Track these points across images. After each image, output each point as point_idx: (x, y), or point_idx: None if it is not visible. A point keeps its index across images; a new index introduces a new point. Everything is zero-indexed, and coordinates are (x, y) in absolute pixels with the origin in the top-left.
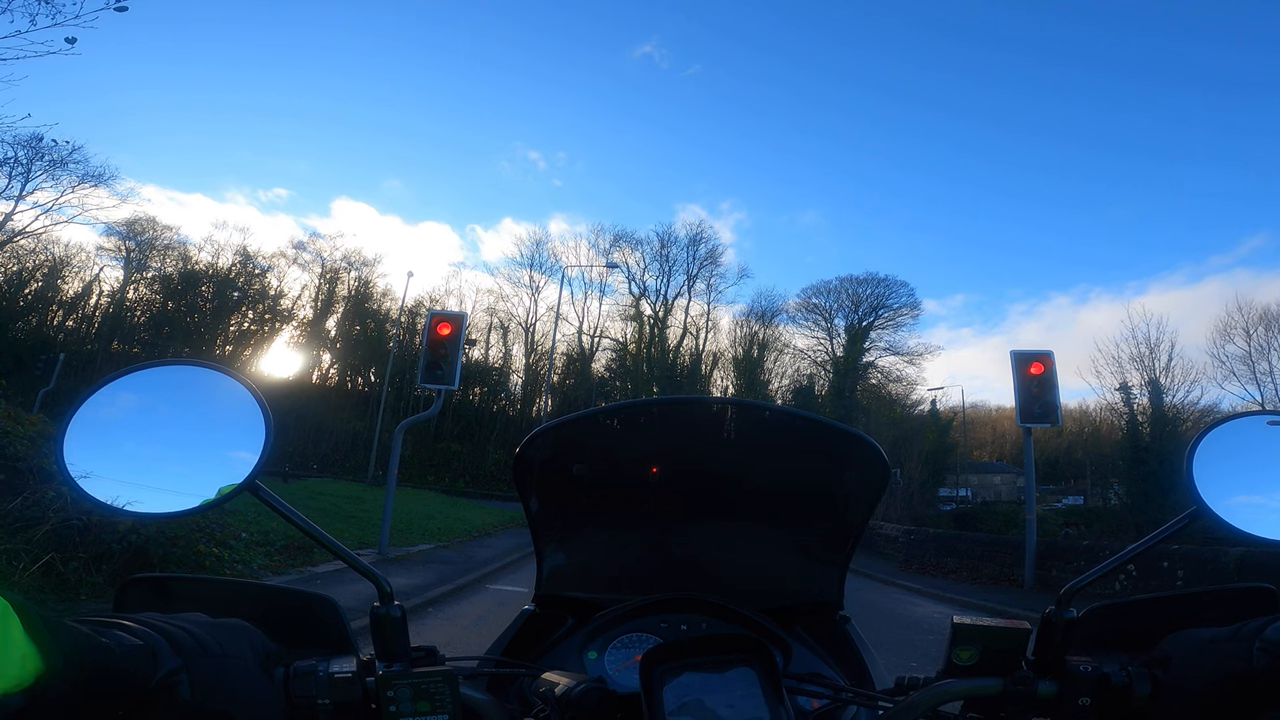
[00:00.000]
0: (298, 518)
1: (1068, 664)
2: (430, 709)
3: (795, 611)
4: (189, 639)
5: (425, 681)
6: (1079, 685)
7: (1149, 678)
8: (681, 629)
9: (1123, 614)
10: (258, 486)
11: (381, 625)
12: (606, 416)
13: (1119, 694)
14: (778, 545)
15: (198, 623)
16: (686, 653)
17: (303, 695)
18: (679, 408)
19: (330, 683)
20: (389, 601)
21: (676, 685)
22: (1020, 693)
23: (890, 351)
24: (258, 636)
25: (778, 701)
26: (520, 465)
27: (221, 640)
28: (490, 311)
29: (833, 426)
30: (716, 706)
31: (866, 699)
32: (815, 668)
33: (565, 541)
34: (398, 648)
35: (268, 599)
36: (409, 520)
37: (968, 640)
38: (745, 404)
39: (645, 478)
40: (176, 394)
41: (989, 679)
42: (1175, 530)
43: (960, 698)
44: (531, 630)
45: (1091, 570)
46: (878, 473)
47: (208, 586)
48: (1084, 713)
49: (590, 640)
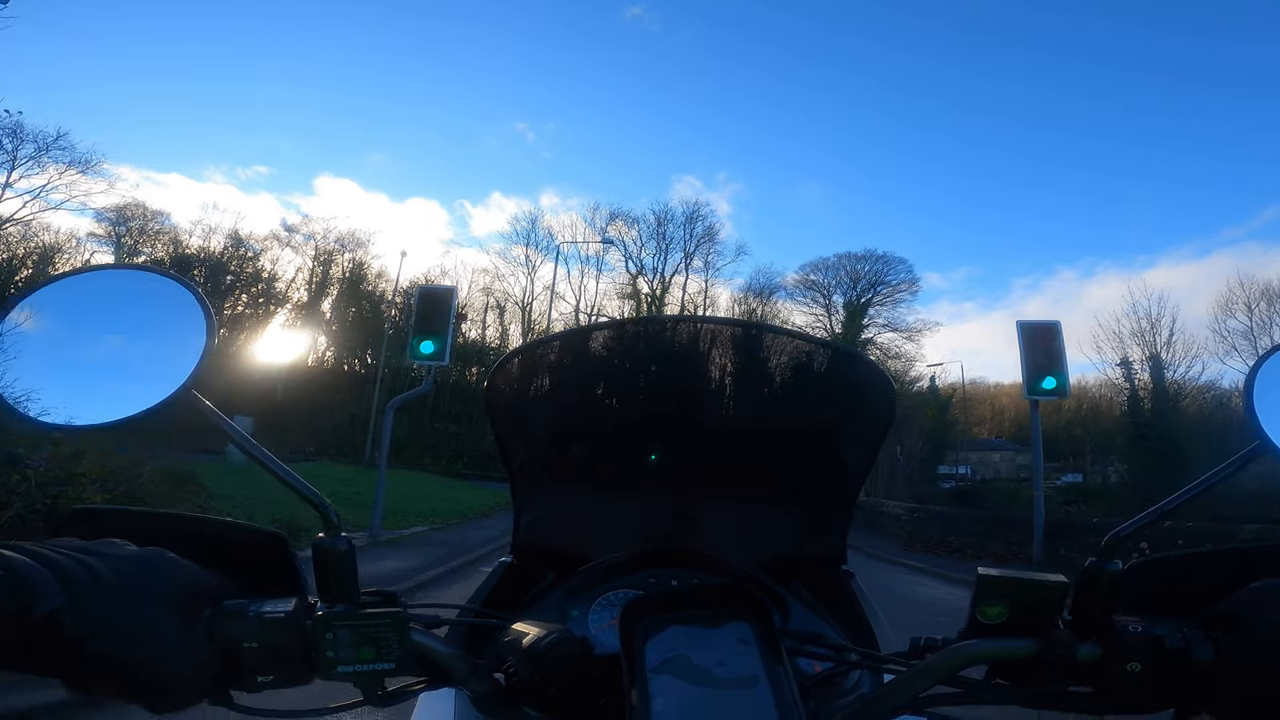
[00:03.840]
0: (235, 432)
1: (1113, 624)
2: (375, 655)
3: (794, 566)
4: (81, 571)
5: (370, 624)
6: (1127, 648)
7: (1209, 640)
8: (672, 584)
9: (1177, 569)
10: (196, 397)
11: (325, 560)
12: (588, 335)
13: (1175, 659)
14: (775, 491)
15: (108, 554)
16: (672, 605)
17: (227, 638)
18: (667, 326)
19: (261, 623)
20: (335, 534)
21: (661, 640)
22: (1057, 655)
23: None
24: (183, 569)
25: (775, 659)
26: (492, 394)
27: (130, 572)
28: (486, 291)
29: (836, 348)
30: (705, 663)
31: (875, 662)
32: (815, 627)
33: (544, 487)
34: (343, 587)
35: (216, 533)
36: (402, 502)
37: (995, 595)
38: (739, 323)
39: (632, 409)
40: (109, 302)
41: (1020, 640)
42: (1237, 467)
43: (986, 660)
44: (511, 584)
45: (1143, 514)
46: (884, 405)
47: (153, 519)
48: (1132, 680)
49: (573, 596)
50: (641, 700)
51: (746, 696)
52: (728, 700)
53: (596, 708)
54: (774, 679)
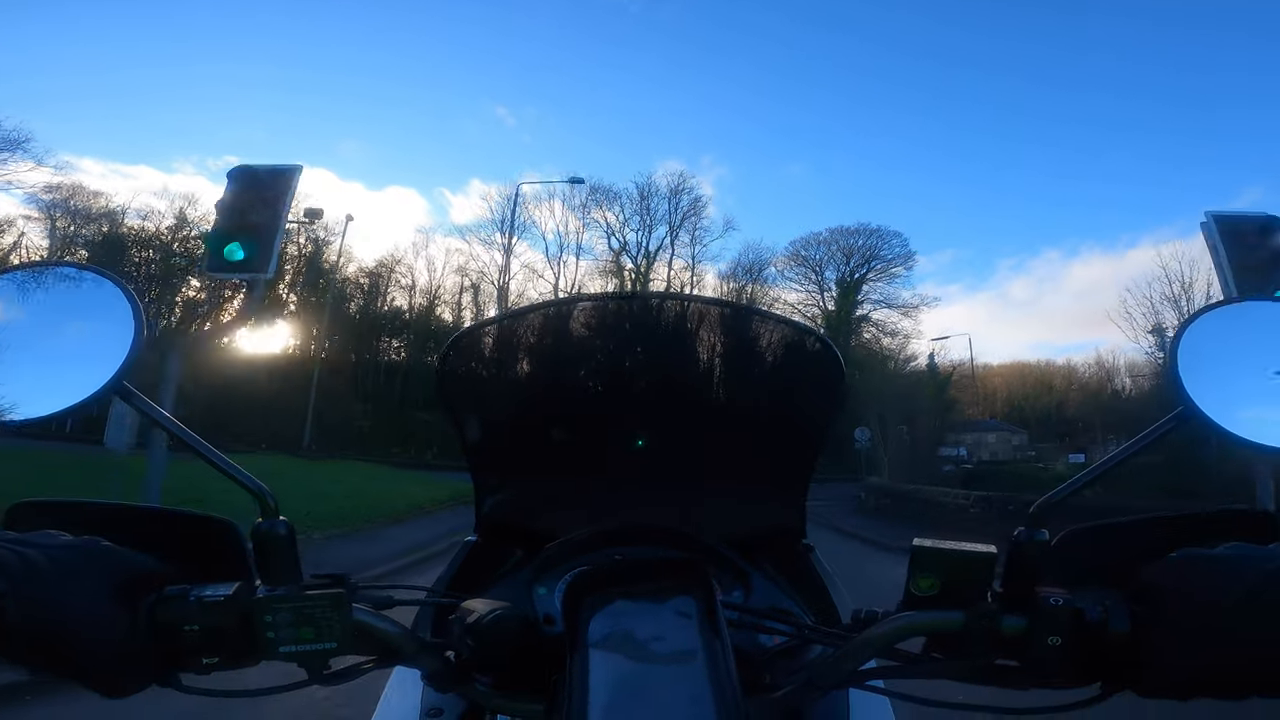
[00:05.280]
0: (168, 422)
1: (1038, 596)
2: (315, 635)
3: (758, 541)
4: (16, 560)
5: (309, 605)
6: (1049, 621)
7: (1128, 613)
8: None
9: (1103, 537)
10: (127, 389)
11: (264, 544)
12: (537, 313)
13: (1095, 631)
14: (738, 467)
15: (43, 544)
16: (618, 579)
17: (166, 622)
18: (619, 303)
19: (201, 607)
20: (273, 516)
21: (605, 614)
22: (983, 628)
23: (884, 304)
24: (120, 556)
25: (713, 633)
26: (443, 376)
27: (65, 560)
28: (461, 271)
29: (783, 321)
30: (644, 638)
31: (825, 636)
32: (777, 601)
33: (507, 466)
34: (284, 569)
35: (164, 522)
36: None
37: (928, 566)
38: (693, 299)
39: (593, 387)
40: (35, 298)
41: (950, 612)
42: (1161, 434)
43: (920, 633)
44: (477, 564)
45: (1067, 482)
46: (834, 379)
47: (100, 510)
48: (1054, 653)
49: (539, 574)
50: (580, 674)
51: (681, 671)
52: (662, 675)
53: (548, 683)
54: (710, 654)
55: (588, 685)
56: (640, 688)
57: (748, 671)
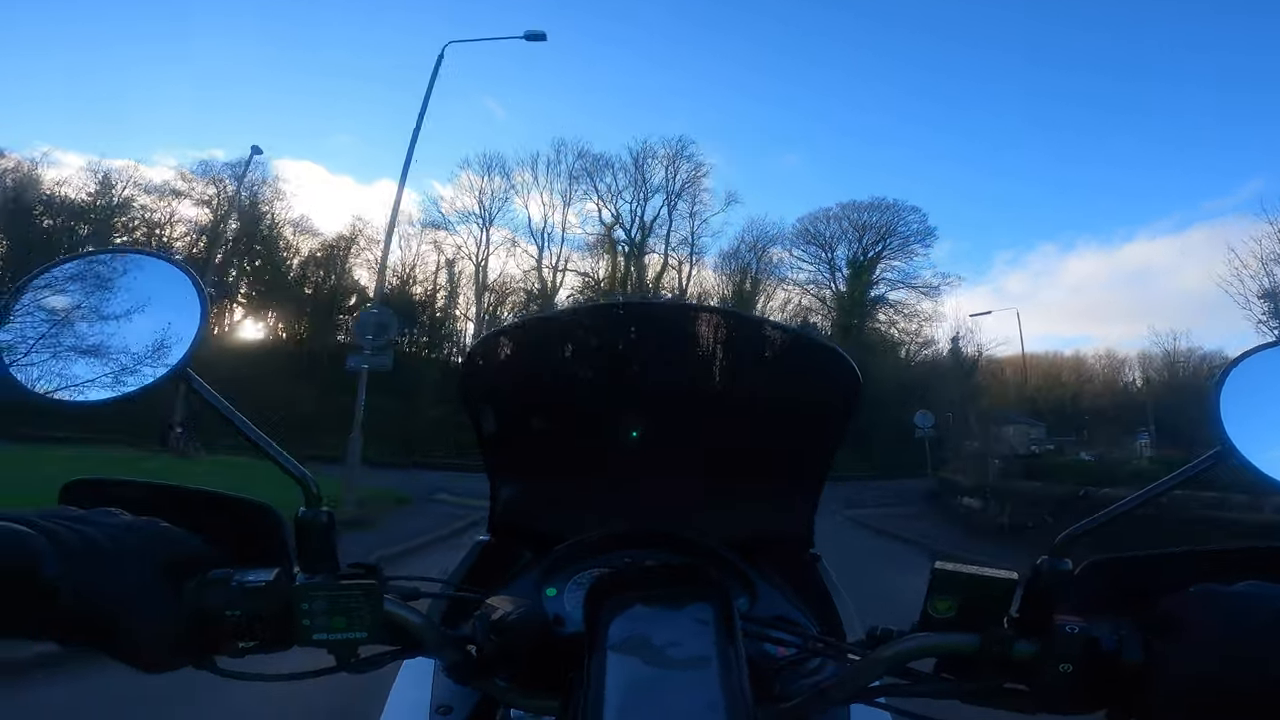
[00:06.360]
0: (226, 409)
1: (1053, 623)
2: (347, 624)
3: (764, 549)
4: (77, 539)
5: (344, 594)
6: (1061, 648)
7: (1142, 642)
8: (647, 564)
9: (1129, 570)
10: (190, 375)
11: (306, 532)
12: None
13: (1108, 660)
14: (748, 474)
15: (103, 523)
16: (638, 583)
17: (210, 605)
18: (643, 311)
19: (242, 592)
20: (316, 506)
21: (625, 618)
22: (996, 652)
23: (903, 284)
24: (175, 538)
25: (729, 641)
26: (466, 377)
27: (125, 539)
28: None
29: (802, 336)
30: (661, 643)
31: (833, 650)
32: (783, 611)
33: (520, 468)
34: (322, 558)
35: (208, 503)
36: None
37: (947, 589)
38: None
39: (607, 392)
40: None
41: (966, 635)
42: (1198, 472)
43: (933, 654)
44: (488, 563)
45: (1098, 514)
46: (849, 390)
47: (147, 490)
48: (1064, 680)
49: (548, 575)
50: (597, 675)
51: (695, 677)
52: (677, 680)
53: (563, 681)
54: (725, 661)
55: (604, 685)
56: (655, 691)
57: (758, 681)
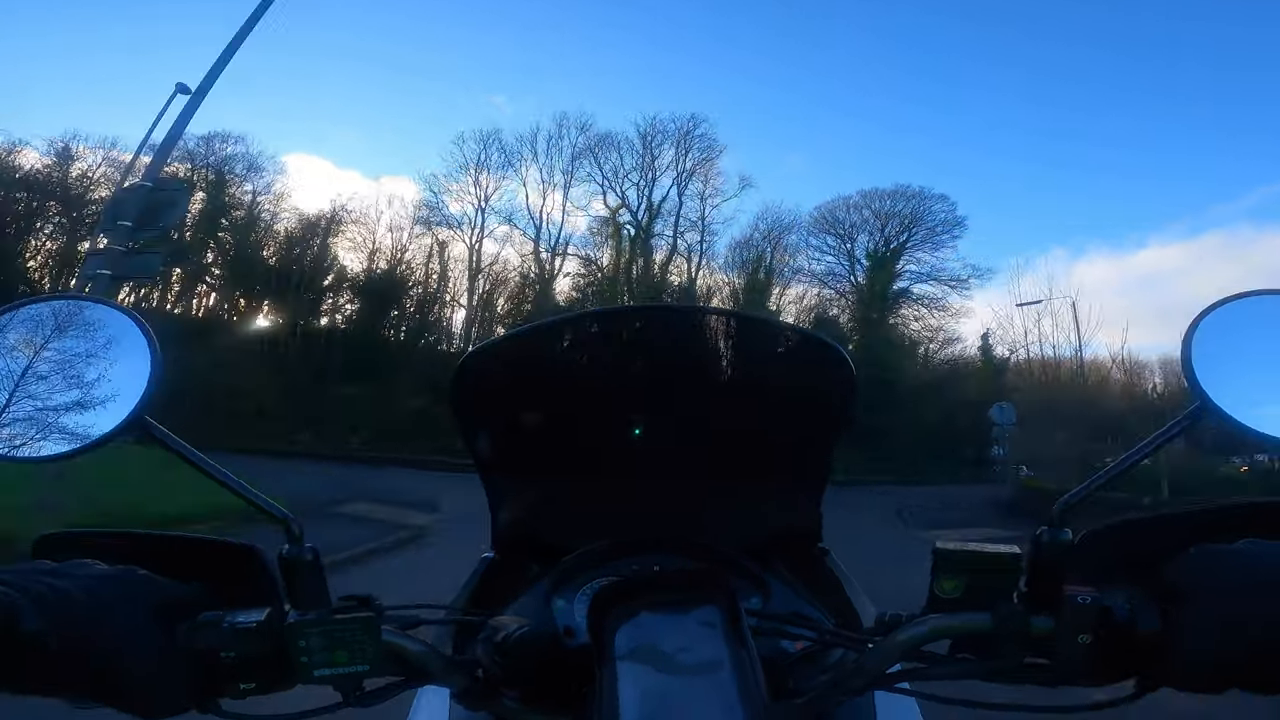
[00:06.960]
0: (191, 454)
1: (1065, 595)
2: (349, 659)
3: (773, 547)
4: (52, 593)
5: (341, 629)
6: (1077, 619)
7: (1157, 610)
8: (648, 572)
9: (1130, 535)
10: (147, 422)
11: (292, 570)
12: (551, 328)
13: (1124, 629)
14: (754, 473)
15: (78, 575)
16: (642, 591)
17: (203, 648)
18: (640, 316)
19: (235, 633)
20: (298, 543)
21: (631, 627)
22: (1011, 629)
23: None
24: (155, 585)
25: (739, 643)
26: (458, 390)
27: (102, 591)
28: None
29: (800, 332)
30: (671, 649)
31: (844, 639)
32: (796, 606)
33: (520, 479)
34: (312, 594)
35: (190, 550)
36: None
37: (952, 569)
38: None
39: (610, 398)
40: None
41: (976, 614)
42: (1180, 430)
43: (946, 635)
44: (496, 579)
45: (1089, 480)
46: (844, 381)
47: (123, 539)
48: (1083, 651)
49: (558, 587)
50: (609, 687)
51: (708, 681)
52: (691, 686)
53: (576, 696)
54: (737, 662)
55: (618, 696)
56: (669, 699)
57: (772, 677)
